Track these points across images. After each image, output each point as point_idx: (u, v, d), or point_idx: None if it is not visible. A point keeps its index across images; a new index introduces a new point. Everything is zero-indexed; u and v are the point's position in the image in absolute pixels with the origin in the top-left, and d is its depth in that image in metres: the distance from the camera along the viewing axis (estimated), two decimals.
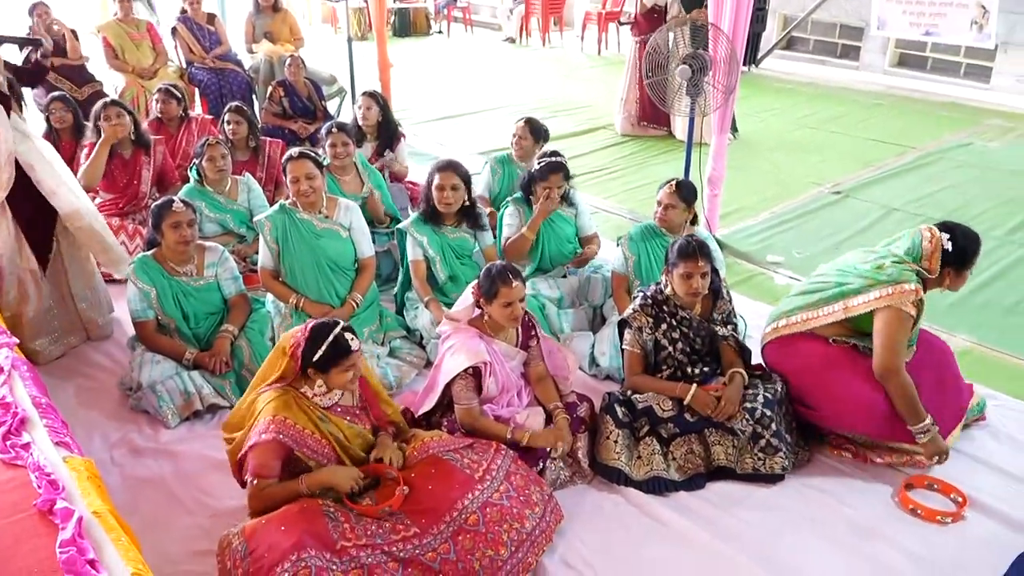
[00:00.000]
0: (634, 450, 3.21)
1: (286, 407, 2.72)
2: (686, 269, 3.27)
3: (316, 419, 2.76)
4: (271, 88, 6.86)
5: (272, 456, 2.67)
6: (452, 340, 3.21)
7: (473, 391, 3.13)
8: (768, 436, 3.13)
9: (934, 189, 6.58)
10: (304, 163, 3.85)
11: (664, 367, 3.41)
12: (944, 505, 3.05)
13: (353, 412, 2.88)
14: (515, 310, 3.15)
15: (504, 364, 3.24)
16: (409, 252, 4.13)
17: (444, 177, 4.00)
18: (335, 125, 4.80)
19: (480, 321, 3.26)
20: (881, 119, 8.86)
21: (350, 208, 4.04)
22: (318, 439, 2.75)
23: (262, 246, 3.95)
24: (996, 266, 5.16)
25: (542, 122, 5.09)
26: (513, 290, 3.12)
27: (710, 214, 5.40)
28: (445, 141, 7.93)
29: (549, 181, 4.26)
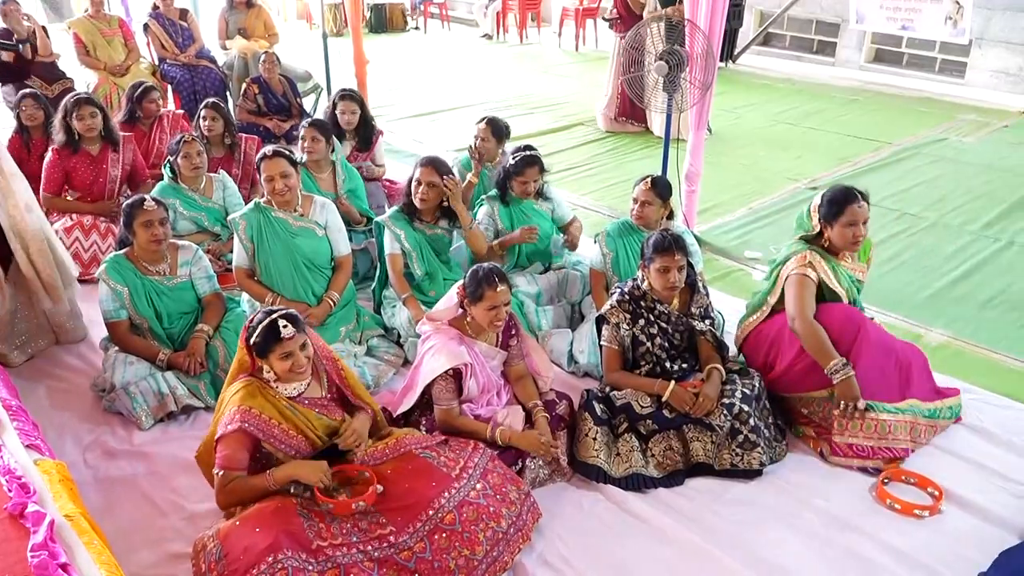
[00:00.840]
0: (613, 447, 3.22)
1: (251, 396, 2.71)
2: (663, 263, 3.28)
3: (282, 409, 2.75)
4: (245, 85, 6.81)
5: (239, 447, 2.66)
6: (432, 340, 3.20)
7: (453, 393, 3.13)
8: (746, 431, 3.15)
9: (909, 184, 6.65)
10: (279, 161, 3.83)
11: (643, 363, 3.43)
12: (921, 499, 3.08)
13: (322, 404, 2.87)
14: (499, 314, 3.14)
15: (485, 365, 3.24)
16: (387, 245, 4.11)
17: (424, 173, 3.99)
18: (309, 122, 4.78)
19: (462, 322, 3.25)
20: (857, 115, 8.94)
21: (326, 206, 4.02)
22: (285, 429, 2.73)
23: (236, 245, 3.92)
24: (971, 260, 5.23)
25: (504, 120, 5.09)
26: (498, 294, 3.12)
27: (688, 210, 5.42)
28: (422, 138, 7.91)
29: (525, 175, 4.27)
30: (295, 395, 2.80)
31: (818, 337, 3.31)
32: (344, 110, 5.45)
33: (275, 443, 2.72)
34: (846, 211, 3.41)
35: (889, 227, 5.77)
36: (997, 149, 7.64)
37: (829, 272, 3.46)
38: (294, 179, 3.86)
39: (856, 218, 3.40)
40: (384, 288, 4.26)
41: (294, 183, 3.87)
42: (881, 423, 3.25)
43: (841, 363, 3.24)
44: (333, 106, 5.51)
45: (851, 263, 3.55)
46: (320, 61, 7.93)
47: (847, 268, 3.52)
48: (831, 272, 3.46)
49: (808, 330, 3.33)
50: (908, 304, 4.66)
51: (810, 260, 3.44)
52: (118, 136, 5.15)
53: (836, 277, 3.46)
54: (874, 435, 3.25)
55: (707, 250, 5.35)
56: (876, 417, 3.24)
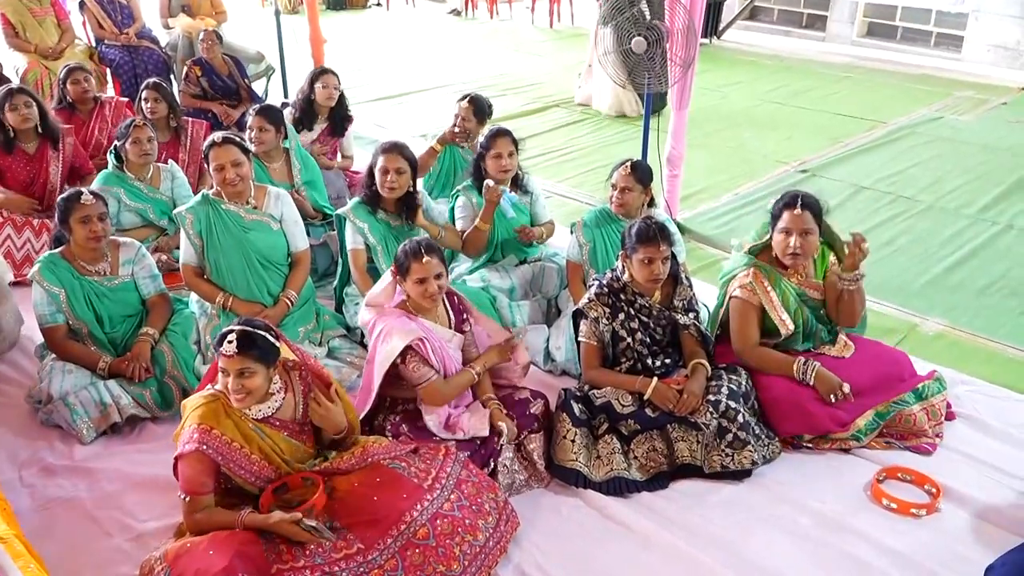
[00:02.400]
0: (593, 449, 3.24)
1: (213, 416, 2.68)
2: (646, 254, 3.30)
3: (248, 432, 2.72)
4: (187, 67, 6.75)
5: (200, 470, 2.64)
6: (380, 325, 3.20)
7: (427, 366, 3.15)
8: (735, 430, 3.18)
9: (904, 166, 6.73)
10: (229, 149, 3.79)
11: (623, 360, 3.44)
12: (918, 497, 3.13)
13: (292, 426, 2.84)
14: (428, 287, 3.16)
15: (442, 343, 3.25)
16: (348, 240, 4.10)
17: (389, 159, 3.98)
18: (257, 110, 4.73)
19: (403, 304, 3.28)
20: (849, 93, 9.03)
21: (281, 197, 4.00)
22: (247, 454, 2.71)
23: (183, 241, 3.88)
24: (968, 246, 5.30)
25: (488, 99, 5.10)
26: (424, 265, 3.14)
27: (670, 196, 5.45)
28: (385, 123, 7.89)
29: (496, 146, 4.25)
30: (261, 417, 2.77)
31: (768, 360, 3.42)
32: (327, 84, 5.45)
33: (234, 468, 2.69)
34: (782, 216, 3.42)
35: (883, 211, 5.84)
36: (995, 128, 7.75)
37: (772, 293, 3.45)
38: (246, 168, 3.84)
39: (790, 226, 3.39)
40: (346, 285, 4.25)
41: (246, 172, 3.84)
42: (845, 442, 3.37)
43: (802, 363, 3.33)
44: (310, 83, 5.49)
45: (803, 279, 3.53)
46: (273, 41, 7.87)
47: (796, 285, 3.51)
48: (774, 293, 3.45)
49: (756, 359, 3.44)
50: (903, 292, 4.72)
51: (751, 280, 3.45)
52: (58, 131, 5.07)
53: (781, 297, 3.45)
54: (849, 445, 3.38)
55: (690, 239, 5.39)
56: (837, 440, 3.36)
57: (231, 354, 2.64)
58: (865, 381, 3.40)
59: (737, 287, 3.48)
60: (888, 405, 3.40)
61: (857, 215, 5.78)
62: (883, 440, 3.39)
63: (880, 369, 3.47)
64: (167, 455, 3.00)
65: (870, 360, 3.50)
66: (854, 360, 3.47)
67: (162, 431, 3.52)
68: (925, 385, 3.48)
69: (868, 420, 3.37)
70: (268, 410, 2.77)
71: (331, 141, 5.61)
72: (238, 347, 2.64)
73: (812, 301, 3.53)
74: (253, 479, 2.74)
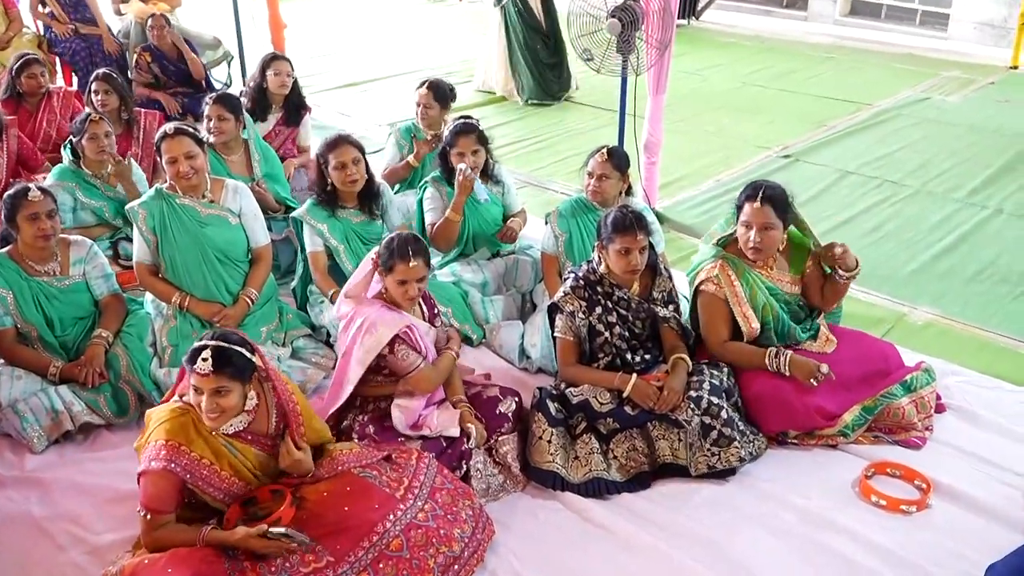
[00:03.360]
0: (570, 450, 3.24)
1: (181, 430, 2.65)
2: (623, 244, 3.30)
3: (218, 448, 2.70)
4: (136, 55, 6.69)
5: (164, 488, 2.61)
6: (360, 316, 3.19)
7: (416, 352, 3.18)
8: (719, 426, 3.18)
9: (891, 149, 6.78)
10: (182, 140, 3.76)
11: (601, 355, 3.45)
12: (908, 493, 3.16)
13: (264, 440, 2.81)
14: (409, 290, 3.17)
15: (422, 333, 3.26)
16: (307, 243, 4.08)
17: (342, 153, 3.96)
18: (214, 98, 4.69)
19: (382, 296, 3.27)
20: (832, 74, 9.08)
21: (239, 190, 3.97)
22: (216, 471, 2.68)
23: (137, 237, 3.84)
24: (957, 231, 5.35)
25: (449, 83, 5.09)
26: (410, 269, 3.14)
27: (648, 184, 5.46)
28: (350, 111, 7.85)
29: (459, 145, 4.25)
30: (232, 432, 2.74)
31: (740, 355, 3.45)
32: (279, 71, 5.41)
33: (203, 486, 2.67)
34: (744, 208, 3.44)
35: (869, 196, 5.88)
36: (983, 108, 7.82)
37: (737, 286, 3.47)
38: (200, 160, 3.80)
39: (750, 220, 3.41)
40: (309, 282, 4.23)
41: (201, 164, 3.80)
42: (832, 438, 3.39)
43: (773, 354, 3.36)
44: (262, 70, 5.45)
45: (775, 272, 3.55)
46: (231, 25, 7.80)
47: (767, 278, 3.52)
48: (741, 287, 3.47)
49: (729, 356, 3.46)
50: (891, 280, 4.76)
51: (717, 272, 3.47)
52: (2, 122, 5.01)
53: (748, 292, 3.47)
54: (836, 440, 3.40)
55: (670, 228, 5.40)
56: (824, 436, 3.38)
57: (206, 372, 2.58)
58: (851, 375, 3.42)
59: (704, 280, 3.50)
60: (875, 399, 3.42)
61: (842, 201, 5.82)
62: (871, 435, 3.42)
63: (866, 362, 3.49)
64: (123, 464, 2.99)
65: (855, 353, 3.52)
66: (838, 354, 3.48)
67: (117, 439, 3.49)
68: (913, 377, 3.51)
69: (855, 415, 3.39)
70: (240, 424, 2.75)
71: (287, 131, 5.57)
72: (213, 365, 2.58)
73: (786, 295, 3.55)
74: (222, 496, 2.72)
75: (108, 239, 4.68)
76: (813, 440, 3.38)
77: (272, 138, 5.45)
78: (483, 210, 4.39)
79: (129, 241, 4.46)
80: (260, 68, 5.49)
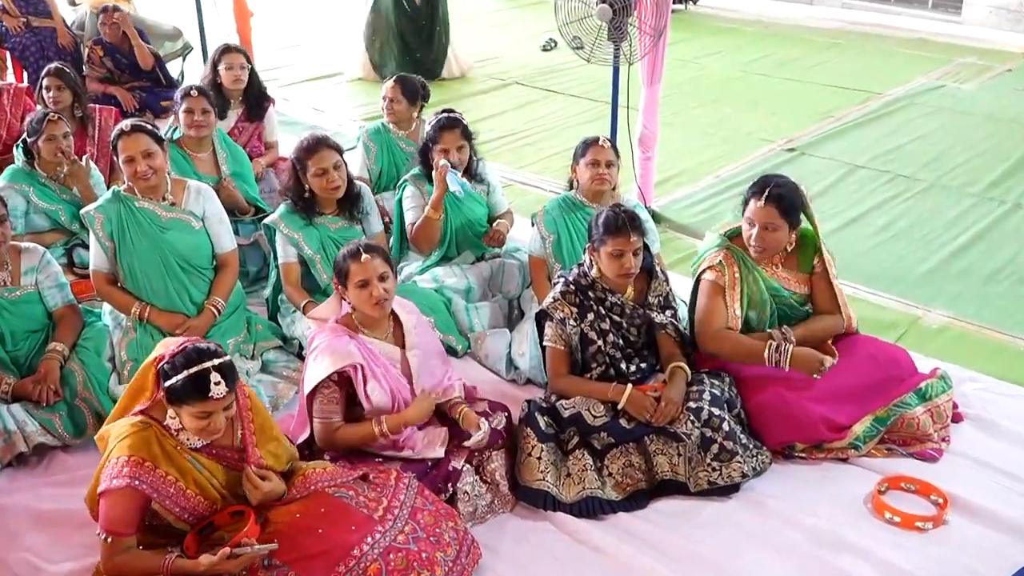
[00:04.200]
0: (562, 467, 3.24)
1: (145, 445, 2.64)
2: (615, 246, 3.31)
3: (183, 464, 2.69)
4: (88, 49, 6.69)
5: (128, 506, 2.60)
6: (316, 341, 3.19)
7: (338, 404, 3.12)
8: (720, 439, 3.19)
9: (903, 141, 6.83)
10: (139, 138, 3.75)
11: (594, 365, 3.46)
12: (924, 508, 3.17)
13: (230, 454, 2.81)
14: (372, 290, 3.15)
15: (388, 366, 3.23)
16: (280, 253, 4.09)
17: (322, 159, 3.96)
18: (194, 87, 4.71)
19: (349, 318, 3.27)
20: (840, 61, 9.14)
21: (202, 192, 3.97)
22: (182, 488, 2.68)
23: (93, 244, 3.83)
24: (974, 228, 5.39)
25: (418, 78, 5.11)
26: (363, 265, 3.13)
27: (643, 181, 5.47)
28: (322, 105, 7.87)
29: (443, 140, 4.28)
30: (199, 446, 2.74)
31: (735, 344, 3.45)
32: (231, 64, 5.39)
33: (168, 504, 2.66)
34: (748, 204, 3.49)
35: (880, 192, 5.92)
36: (1000, 97, 7.89)
37: (739, 282, 3.50)
38: (159, 159, 3.80)
39: (752, 217, 3.45)
40: (280, 291, 4.23)
41: (160, 164, 3.80)
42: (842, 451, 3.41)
43: (774, 348, 3.36)
44: (213, 65, 5.44)
45: (781, 271, 3.59)
46: (192, 15, 7.79)
47: (771, 276, 3.56)
48: (741, 281, 3.50)
49: (721, 344, 3.47)
50: (903, 281, 4.79)
51: (721, 260, 3.51)
52: None
53: (750, 289, 3.51)
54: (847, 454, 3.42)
55: (666, 228, 5.43)
56: (833, 449, 3.40)
57: (222, 396, 2.61)
58: (861, 383, 3.44)
59: (707, 267, 3.53)
60: (888, 409, 3.44)
61: (851, 197, 5.86)
62: (884, 447, 3.43)
63: (877, 369, 3.51)
64: (81, 488, 2.97)
65: (865, 360, 3.53)
66: (847, 361, 3.48)
67: (74, 461, 3.47)
68: (928, 384, 3.53)
69: (866, 426, 3.41)
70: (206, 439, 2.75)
71: (251, 127, 5.57)
72: (228, 383, 2.62)
73: (793, 296, 3.57)
74: (187, 516, 2.71)
75: (62, 246, 4.68)
76: (822, 453, 3.40)
77: (235, 136, 5.44)
78: (467, 210, 4.40)
79: (85, 248, 4.45)
80: (211, 63, 5.49)
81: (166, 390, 2.64)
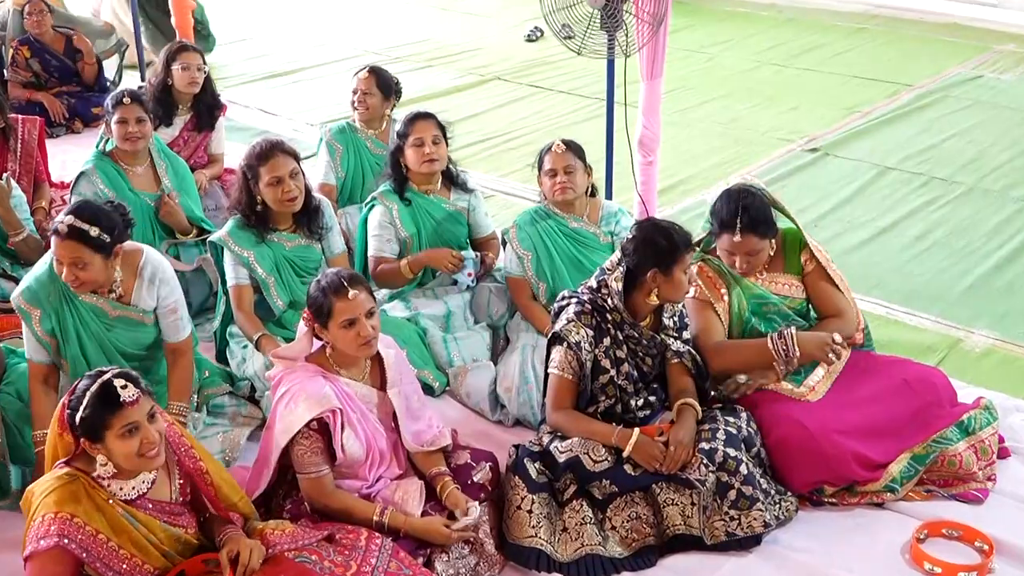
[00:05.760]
0: (557, 521, 3.24)
1: (72, 500, 2.64)
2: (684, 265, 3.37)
3: (117, 521, 2.69)
4: (12, 50, 6.69)
5: (58, 567, 2.58)
6: (286, 385, 3.18)
7: (322, 454, 3.11)
8: (738, 484, 3.20)
9: (937, 139, 6.88)
10: (68, 245, 3.47)
11: (602, 398, 3.46)
12: (968, 557, 3.18)
13: (170, 510, 2.81)
14: (362, 330, 3.14)
15: (365, 411, 3.23)
16: (229, 275, 4.08)
17: (277, 166, 3.96)
18: (128, 94, 4.68)
19: (322, 356, 3.26)
20: (865, 50, 9.21)
21: (157, 278, 3.73)
22: (115, 548, 2.67)
23: (27, 335, 3.64)
24: (1020, 237, 5.42)
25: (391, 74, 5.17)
26: (351, 302, 3.12)
27: (644, 189, 5.46)
28: (275, 108, 7.88)
29: (416, 130, 4.31)
30: (135, 497, 2.74)
31: (736, 351, 3.59)
32: (188, 64, 5.41)
33: (101, 568, 2.65)
34: (721, 237, 3.59)
35: (912, 198, 5.96)
36: None
37: (725, 295, 3.63)
38: (93, 271, 3.52)
39: (731, 249, 3.57)
40: (230, 323, 4.23)
41: (91, 276, 3.53)
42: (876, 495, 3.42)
43: (777, 336, 3.44)
44: (166, 65, 5.45)
45: (765, 275, 3.68)
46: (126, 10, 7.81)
47: (757, 283, 3.65)
48: (727, 291, 3.63)
49: (724, 357, 3.57)
50: (942, 299, 4.81)
51: (698, 276, 3.63)
52: None
53: (737, 305, 3.62)
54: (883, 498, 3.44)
55: None
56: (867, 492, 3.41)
57: (135, 397, 2.64)
58: (896, 415, 3.46)
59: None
60: (927, 445, 3.46)
61: (881, 203, 5.90)
62: (923, 489, 3.45)
63: (913, 398, 3.52)
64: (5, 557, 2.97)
65: (899, 387, 3.54)
66: (878, 388, 3.51)
67: None
68: (971, 416, 3.55)
69: (903, 466, 3.43)
70: (143, 486, 2.75)
71: (198, 137, 5.58)
72: (137, 386, 2.66)
73: (785, 301, 3.66)
74: None
75: None
76: (854, 498, 3.41)
77: (179, 146, 5.46)
78: (445, 232, 4.42)
79: (7, 279, 4.43)
80: (164, 62, 5.49)
81: (80, 427, 2.65)
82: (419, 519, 3.10)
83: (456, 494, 3.19)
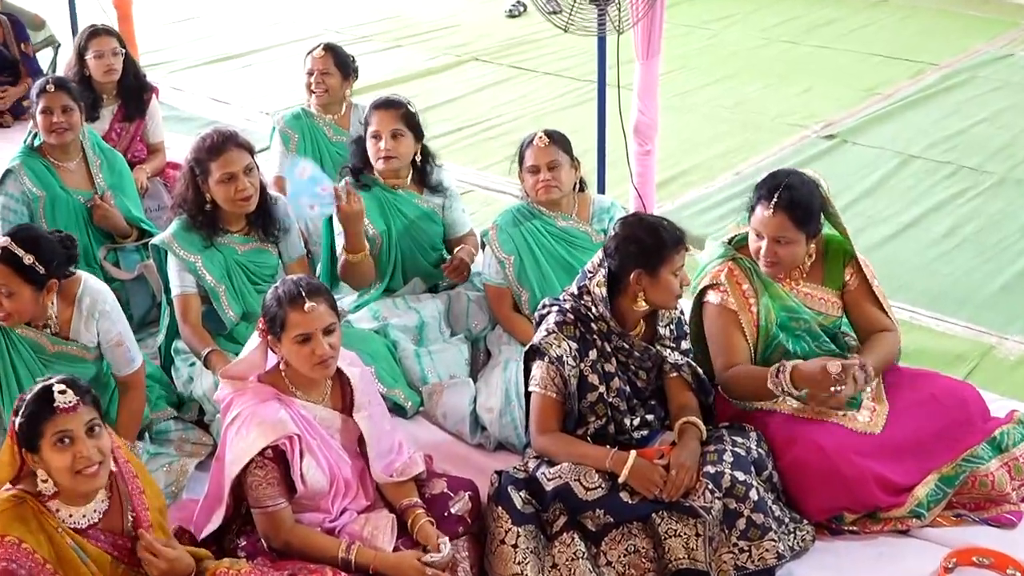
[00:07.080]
0: (546, 556, 3.23)
1: (19, 522, 2.66)
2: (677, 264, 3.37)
3: (64, 552, 2.69)
4: None
5: None
6: (236, 408, 3.16)
7: (279, 486, 3.09)
8: (747, 512, 3.19)
9: (965, 124, 6.91)
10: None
11: (592, 418, 3.46)
12: None
13: (122, 544, 2.82)
14: (316, 348, 3.11)
15: (326, 437, 3.22)
16: (174, 283, 4.07)
17: (229, 161, 3.94)
18: (52, 81, 4.68)
19: (276, 375, 3.25)
20: (885, 25, 9.26)
21: (97, 311, 3.72)
22: None
23: None
24: None
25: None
26: (307, 315, 3.09)
27: (641, 182, 5.47)
28: (224, 95, 7.88)
29: (375, 120, 4.31)
30: (86, 526, 2.74)
31: (741, 380, 3.52)
32: (101, 51, 5.37)
33: None
34: (755, 210, 3.54)
35: (939, 190, 5.98)
36: None
37: (752, 304, 3.57)
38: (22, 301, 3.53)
39: (759, 228, 3.52)
40: (176, 337, 4.21)
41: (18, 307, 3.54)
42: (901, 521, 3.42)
43: (775, 373, 3.35)
44: (79, 54, 5.43)
45: (803, 286, 3.65)
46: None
47: (792, 293, 3.62)
48: (755, 298, 3.58)
49: (731, 385, 3.55)
50: (971, 302, 4.84)
51: (724, 278, 3.59)
52: None
53: (765, 314, 3.57)
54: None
55: None
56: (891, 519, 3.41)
57: (72, 403, 2.66)
58: (921, 433, 3.46)
59: (709, 286, 3.58)
60: (956, 465, 3.47)
61: (905, 195, 5.92)
62: (951, 513, 3.46)
63: (941, 413, 3.52)
64: None
65: (926, 401, 3.55)
66: (902, 404, 3.52)
67: None
68: (1004, 431, 3.56)
69: (930, 488, 3.43)
70: (94, 515, 2.76)
71: (130, 128, 5.57)
72: (78, 393, 2.67)
73: (818, 317, 3.63)
74: None
75: None
76: (877, 525, 3.42)
77: (113, 140, 5.44)
78: (416, 231, 4.41)
79: None
80: (76, 51, 5.47)
81: (19, 436, 2.67)
82: (390, 554, 3.09)
83: (427, 528, 3.18)
